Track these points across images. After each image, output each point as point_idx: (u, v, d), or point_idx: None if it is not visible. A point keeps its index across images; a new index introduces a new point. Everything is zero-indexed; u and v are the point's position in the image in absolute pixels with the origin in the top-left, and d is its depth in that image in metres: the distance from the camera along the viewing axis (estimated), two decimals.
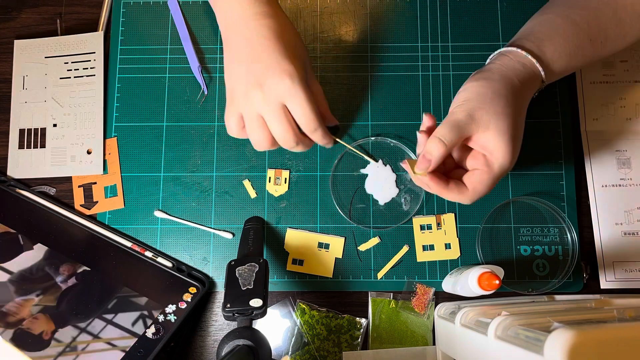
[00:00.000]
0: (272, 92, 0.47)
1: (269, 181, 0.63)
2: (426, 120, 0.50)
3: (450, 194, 0.48)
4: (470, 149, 0.49)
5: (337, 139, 0.55)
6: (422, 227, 0.62)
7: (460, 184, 0.48)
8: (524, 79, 0.49)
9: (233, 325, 0.49)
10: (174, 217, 0.63)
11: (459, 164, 0.51)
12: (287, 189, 0.63)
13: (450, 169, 0.51)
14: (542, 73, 0.50)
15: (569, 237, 0.61)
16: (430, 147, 0.46)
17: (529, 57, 0.49)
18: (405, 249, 0.62)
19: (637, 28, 0.54)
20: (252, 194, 0.63)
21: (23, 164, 0.64)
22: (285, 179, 0.63)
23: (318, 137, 0.51)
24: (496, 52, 0.52)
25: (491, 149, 0.47)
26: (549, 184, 0.63)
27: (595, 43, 0.53)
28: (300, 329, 0.60)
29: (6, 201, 0.62)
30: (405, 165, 0.50)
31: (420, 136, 0.50)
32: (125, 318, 0.57)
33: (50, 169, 0.64)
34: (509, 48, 0.51)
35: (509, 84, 0.48)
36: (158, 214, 0.63)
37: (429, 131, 0.50)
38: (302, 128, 0.50)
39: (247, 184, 0.63)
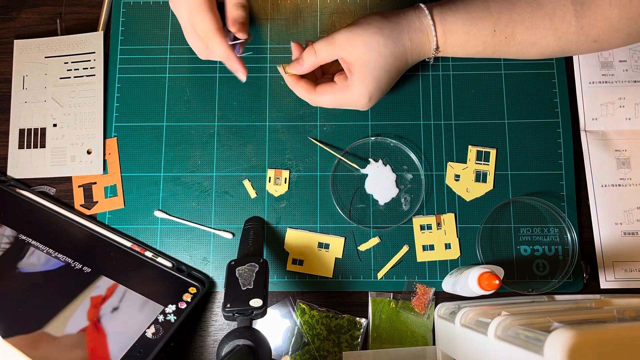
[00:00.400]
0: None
1: (269, 181, 0.63)
2: (295, 48, 0.57)
3: (299, 90, 0.56)
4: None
5: (239, 55, 0.56)
6: (422, 227, 0.62)
7: (310, 84, 0.56)
8: (415, 37, 0.54)
9: (233, 325, 0.49)
10: (174, 217, 0.63)
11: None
12: (287, 189, 0.63)
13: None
14: (435, 41, 0.54)
15: (569, 237, 0.61)
16: (305, 55, 0.54)
17: (429, 18, 0.53)
18: (405, 249, 0.62)
19: (550, 40, 0.54)
20: (252, 193, 0.63)
21: (23, 164, 0.64)
22: (285, 179, 0.63)
23: (213, 46, 0.54)
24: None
25: (353, 73, 0.53)
26: (549, 184, 0.63)
27: (498, 35, 0.54)
28: (300, 329, 0.60)
29: (6, 201, 0.62)
30: (280, 68, 0.56)
31: (293, 45, 0.56)
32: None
33: (50, 169, 0.64)
34: (421, 5, 0.55)
35: (397, 32, 0.53)
36: (158, 214, 0.63)
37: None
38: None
39: (247, 184, 0.63)
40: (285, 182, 0.63)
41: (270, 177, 0.63)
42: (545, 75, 0.65)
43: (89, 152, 0.64)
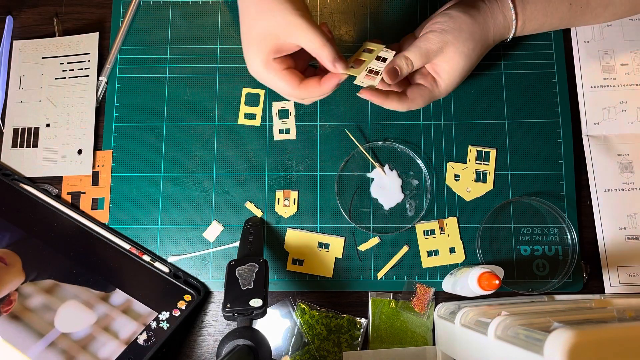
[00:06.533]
0: None
1: (278, 202, 0.63)
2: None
3: (390, 104, 0.53)
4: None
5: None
6: (425, 233, 0.62)
7: (401, 95, 0.53)
8: (498, 32, 0.55)
9: (233, 325, 0.49)
10: (186, 254, 0.63)
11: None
12: (296, 210, 0.63)
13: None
14: (513, 32, 0.55)
15: (569, 237, 0.61)
16: (401, 64, 0.51)
17: (512, 11, 0.54)
18: (405, 249, 0.62)
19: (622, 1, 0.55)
20: (258, 213, 0.63)
21: (14, 163, 0.64)
22: (294, 199, 0.63)
23: (324, 55, 0.47)
24: None
25: (442, 77, 0.53)
26: (549, 184, 0.63)
27: (574, 7, 0.55)
28: (300, 329, 0.60)
29: (9, 196, 0.62)
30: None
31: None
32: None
33: (40, 168, 0.64)
34: None
35: (485, 33, 0.54)
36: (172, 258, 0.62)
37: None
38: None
39: (249, 205, 0.63)
40: (294, 203, 0.63)
41: (278, 199, 0.63)
42: (545, 76, 0.65)
43: (79, 152, 0.64)
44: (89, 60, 0.67)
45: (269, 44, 0.47)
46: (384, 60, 0.52)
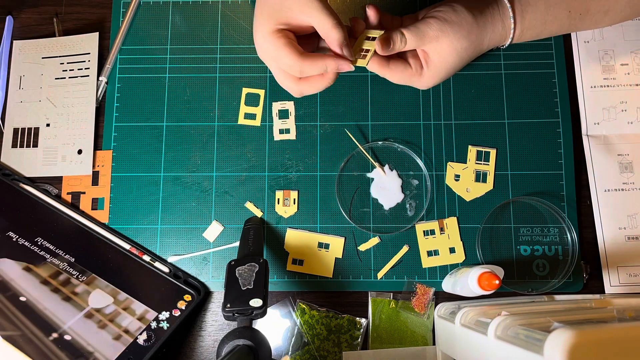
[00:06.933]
0: None
1: (278, 202, 0.63)
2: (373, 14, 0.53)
3: (373, 65, 0.53)
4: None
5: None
6: (425, 233, 0.62)
7: (382, 60, 0.53)
8: (494, 39, 0.55)
9: (233, 325, 0.49)
10: (185, 254, 0.63)
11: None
12: (296, 210, 0.63)
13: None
14: (510, 40, 0.55)
15: (569, 237, 0.61)
16: (397, 41, 0.51)
17: (511, 21, 0.54)
18: (405, 249, 0.62)
19: (623, 3, 0.55)
20: (258, 213, 0.63)
21: (14, 163, 0.64)
22: (294, 199, 0.63)
23: (305, 69, 0.49)
24: None
25: (428, 67, 0.53)
26: (549, 184, 0.63)
27: (573, 14, 0.55)
28: (300, 329, 0.60)
29: (9, 196, 0.62)
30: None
31: (371, 11, 0.53)
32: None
33: (40, 168, 0.64)
34: (506, 3, 0.54)
35: (481, 37, 0.53)
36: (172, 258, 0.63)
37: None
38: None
39: (249, 205, 0.63)
40: (294, 203, 0.63)
41: (278, 199, 0.63)
42: (545, 76, 0.65)
43: (79, 152, 0.64)
44: (89, 60, 0.67)
45: (279, 15, 0.48)
46: (374, 39, 0.51)
